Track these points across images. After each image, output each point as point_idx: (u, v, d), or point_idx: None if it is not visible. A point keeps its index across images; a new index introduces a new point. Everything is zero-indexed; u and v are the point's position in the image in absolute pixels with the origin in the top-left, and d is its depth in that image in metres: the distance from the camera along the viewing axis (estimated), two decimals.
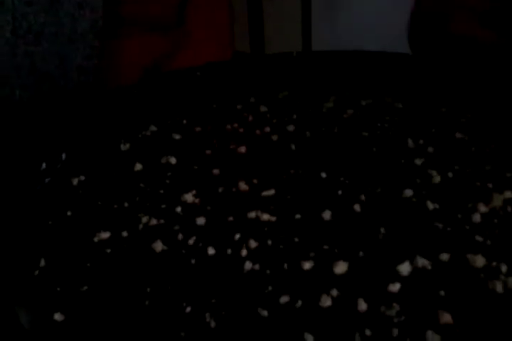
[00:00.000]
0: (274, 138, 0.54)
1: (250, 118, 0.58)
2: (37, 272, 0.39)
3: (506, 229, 0.41)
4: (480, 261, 0.38)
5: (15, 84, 0.62)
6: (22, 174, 0.48)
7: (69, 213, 0.45)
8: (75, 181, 0.48)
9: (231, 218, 0.44)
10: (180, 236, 0.42)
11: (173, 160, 0.51)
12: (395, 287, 0.37)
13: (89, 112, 0.57)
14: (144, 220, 0.43)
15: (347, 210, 0.44)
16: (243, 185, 0.47)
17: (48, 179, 0.48)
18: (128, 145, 0.53)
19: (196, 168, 0.50)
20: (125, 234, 0.42)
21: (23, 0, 0.60)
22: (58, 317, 0.36)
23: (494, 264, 0.38)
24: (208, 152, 0.52)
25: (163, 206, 0.45)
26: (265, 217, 0.43)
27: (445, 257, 0.39)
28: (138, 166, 0.50)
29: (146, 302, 0.37)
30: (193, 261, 0.40)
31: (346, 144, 0.52)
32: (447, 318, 0.35)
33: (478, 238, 0.41)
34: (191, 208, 0.45)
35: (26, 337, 0.35)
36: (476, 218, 0.43)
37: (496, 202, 0.44)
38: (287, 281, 0.38)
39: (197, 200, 0.46)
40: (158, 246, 0.41)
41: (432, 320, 0.35)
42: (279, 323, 0.35)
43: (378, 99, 0.60)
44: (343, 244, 0.41)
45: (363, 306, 0.36)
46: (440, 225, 0.42)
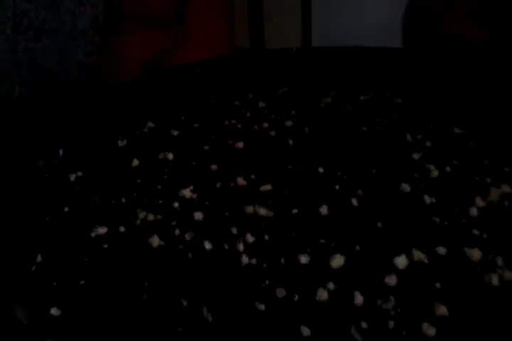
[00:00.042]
0: (272, 133, 0.54)
1: (248, 114, 0.58)
2: (34, 267, 0.40)
3: (503, 223, 0.41)
4: (476, 255, 0.38)
5: (15, 80, 0.62)
6: (19, 170, 0.48)
7: (66, 209, 0.45)
8: (73, 177, 0.48)
9: (228, 213, 0.44)
10: (177, 231, 0.42)
11: (170, 156, 0.51)
12: (392, 280, 0.37)
13: (86, 108, 0.57)
14: (141, 215, 0.44)
15: (344, 205, 0.44)
16: (241, 180, 0.47)
17: (46, 175, 0.48)
18: (125, 141, 0.53)
19: (194, 164, 0.50)
20: (122, 230, 0.42)
21: None
22: (55, 311, 0.36)
23: (490, 257, 0.38)
24: (206, 148, 0.52)
25: (160, 201, 0.45)
26: (262, 212, 0.43)
27: (442, 251, 0.39)
28: (135, 162, 0.50)
29: (144, 296, 0.37)
30: (190, 256, 0.40)
31: (344, 139, 0.52)
32: (443, 311, 0.35)
33: (475, 232, 0.41)
34: (189, 203, 0.45)
35: (23, 332, 0.35)
36: (473, 212, 0.43)
37: (493, 197, 0.44)
38: (284, 275, 0.38)
39: (194, 195, 0.46)
40: (155, 241, 0.41)
41: (428, 313, 0.35)
42: (276, 317, 0.35)
43: (377, 95, 0.60)
44: (340, 238, 0.41)
45: (360, 299, 0.36)
46: (437, 219, 0.42)
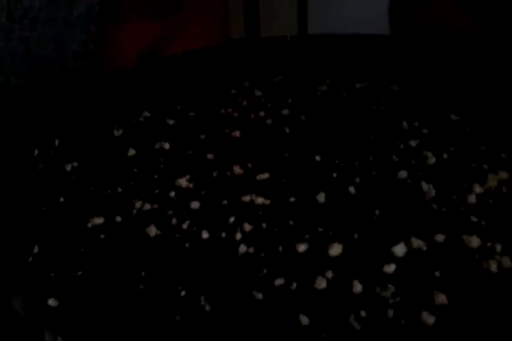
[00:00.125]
0: (269, 122, 0.54)
1: (244, 102, 0.57)
2: (31, 258, 0.39)
3: (501, 210, 0.41)
4: (475, 242, 0.38)
5: (10, 70, 0.62)
6: (15, 160, 0.48)
7: (62, 199, 0.44)
8: (68, 167, 0.48)
9: (225, 202, 0.43)
10: (174, 220, 0.42)
11: (166, 145, 0.50)
12: (390, 268, 0.37)
13: (82, 98, 0.56)
14: (138, 205, 0.43)
15: (342, 193, 0.44)
16: (237, 169, 0.47)
17: (41, 165, 0.48)
18: (121, 131, 0.53)
19: (190, 153, 0.49)
20: (119, 220, 0.42)
21: None
22: (52, 302, 0.36)
23: (489, 244, 0.38)
24: (202, 137, 0.52)
25: (156, 191, 0.45)
26: (260, 201, 0.43)
27: (440, 238, 0.39)
28: (131, 152, 0.49)
29: (141, 286, 0.37)
30: (187, 245, 0.40)
31: (341, 127, 0.52)
32: (442, 299, 0.35)
33: (473, 218, 0.41)
34: (185, 193, 0.45)
35: (21, 323, 0.35)
36: (471, 199, 0.42)
37: (491, 183, 0.44)
38: (282, 264, 0.38)
39: (191, 185, 0.45)
40: (152, 230, 0.41)
41: (427, 301, 0.35)
42: (274, 306, 0.35)
43: (374, 82, 0.60)
44: (338, 226, 0.40)
45: (358, 288, 0.36)
46: (435, 206, 0.42)
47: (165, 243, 0.40)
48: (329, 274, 0.37)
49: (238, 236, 0.40)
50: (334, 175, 0.46)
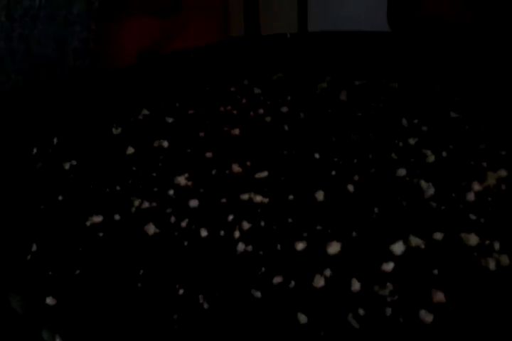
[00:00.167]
0: (268, 119, 0.54)
1: (244, 100, 0.57)
2: (29, 257, 0.39)
3: (500, 208, 0.41)
4: (473, 240, 0.38)
5: (10, 68, 0.62)
6: (14, 159, 0.48)
7: (61, 197, 0.44)
8: (67, 165, 0.48)
9: (224, 200, 0.43)
10: (172, 218, 0.42)
11: (165, 143, 0.50)
12: (389, 266, 0.37)
13: (80, 96, 0.56)
14: (137, 203, 0.43)
15: (340, 191, 0.44)
16: (236, 167, 0.47)
17: (40, 163, 0.48)
18: (120, 129, 0.53)
19: (189, 151, 0.49)
20: (117, 218, 0.42)
21: None
22: (50, 301, 0.36)
23: (487, 242, 0.38)
24: (201, 135, 0.52)
25: (155, 189, 0.45)
26: (258, 199, 0.43)
27: (439, 236, 0.39)
28: (130, 150, 0.49)
29: (139, 284, 0.37)
30: (186, 243, 0.40)
31: (340, 125, 0.52)
32: (440, 297, 0.34)
33: (471, 216, 0.41)
34: (184, 191, 0.45)
35: (19, 322, 0.35)
36: (470, 197, 0.42)
37: (490, 181, 0.44)
38: (280, 262, 0.38)
39: (190, 183, 0.45)
40: (150, 228, 0.41)
41: (426, 299, 0.35)
42: (273, 304, 0.35)
43: (373, 80, 0.60)
44: (337, 225, 0.40)
45: (356, 286, 0.36)
46: (434, 204, 0.42)
47: (163, 241, 0.40)
48: (327, 272, 0.37)
49: (237, 234, 0.40)
50: (333, 173, 0.46)
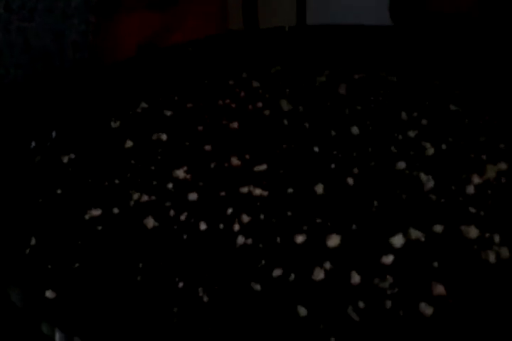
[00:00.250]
0: (267, 113, 0.53)
1: (242, 93, 0.57)
2: (28, 250, 0.39)
3: (500, 200, 0.41)
4: (473, 232, 0.38)
5: (8, 62, 0.62)
6: (12, 152, 0.48)
7: (59, 191, 0.44)
8: (65, 159, 0.48)
9: (223, 193, 0.43)
10: (171, 212, 0.42)
11: (164, 136, 0.50)
12: (388, 259, 0.37)
13: (78, 89, 0.56)
14: (135, 197, 0.43)
15: (340, 184, 0.44)
16: (235, 161, 0.47)
17: (38, 157, 0.48)
18: (118, 122, 0.52)
19: (188, 144, 0.49)
20: (116, 211, 0.42)
21: None
22: (50, 294, 0.35)
23: (487, 235, 0.38)
24: (200, 128, 0.51)
25: (154, 182, 0.45)
26: (257, 192, 0.43)
27: (438, 229, 0.39)
28: (129, 143, 0.49)
29: (139, 278, 0.37)
30: (185, 237, 0.39)
31: (339, 118, 0.52)
32: (440, 290, 0.34)
33: (471, 209, 0.40)
34: (183, 184, 0.44)
35: (18, 315, 0.35)
36: (470, 189, 0.42)
37: (490, 174, 0.44)
38: (280, 255, 0.38)
39: (188, 176, 0.45)
40: (149, 222, 0.41)
41: (425, 292, 0.35)
42: (272, 297, 0.35)
43: (372, 73, 0.60)
44: (336, 217, 0.40)
45: (356, 279, 0.36)
46: (434, 197, 0.42)
47: (163, 234, 0.40)
48: (327, 265, 0.37)
49: (236, 227, 0.40)
50: (332, 166, 0.45)
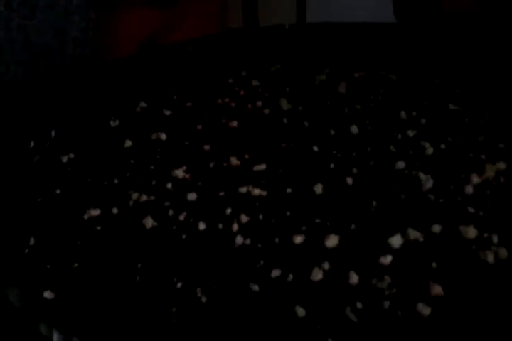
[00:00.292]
0: (266, 112, 0.53)
1: (242, 92, 0.57)
2: (27, 250, 0.39)
3: (499, 200, 0.41)
4: (472, 233, 0.38)
5: (9, 59, 0.62)
6: (11, 152, 0.48)
7: (58, 191, 0.44)
8: (65, 159, 0.48)
9: (222, 193, 0.43)
10: (170, 211, 0.42)
11: (163, 136, 0.50)
12: (387, 260, 0.37)
13: (78, 89, 0.56)
14: (134, 196, 0.43)
15: (339, 183, 0.43)
16: (234, 160, 0.47)
17: (38, 157, 0.48)
18: (117, 121, 0.52)
19: (187, 144, 0.49)
20: (115, 211, 0.42)
21: None
22: (48, 294, 0.35)
23: (486, 235, 0.38)
24: (199, 127, 0.51)
25: (153, 182, 0.45)
26: (256, 192, 0.43)
27: (437, 229, 0.39)
28: (128, 143, 0.49)
29: (137, 278, 0.37)
30: (184, 237, 0.39)
31: (339, 117, 0.52)
32: (438, 290, 0.34)
33: (470, 209, 0.40)
34: (182, 184, 0.45)
35: (16, 315, 0.35)
36: (469, 189, 0.42)
37: (489, 173, 0.44)
38: (278, 255, 0.38)
39: (188, 176, 0.45)
40: (148, 222, 0.41)
41: (423, 292, 0.35)
42: (271, 297, 0.35)
43: (372, 72, 0.59)
44: (335, 218, 0.40)
45: (355, 279, 0.36)
46: (432, 197, 0.42)
47: (161, 234, 0.40)
48: (326, 265, 0.37)
49: (235, 227, 0.40)
50: (332, 166, 0.45)
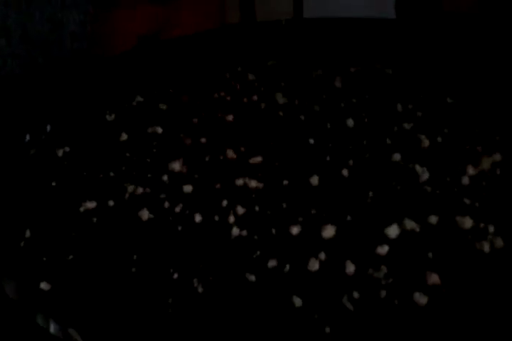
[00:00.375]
0: (262, 106, 0.53)
1: (238, 86, 0.57)
2: (23, 243, 0.39)
3: (494, 191, 0.41)
4: (468, 223, 0.38)
5: (6, 53, 0.61)
6: (6, 146, 0.48)
7: (54, 184, 0.44)
8: (60, 152, 0.48)
9: (218, 185, 0.43)
10: (166, 204, 0.42)
11: (159, 129, 0.50)
12: (383, 250, 0.37)
13: (74, 83, 0.56)
14: (130, 189, 0.43)
15: (335, 175, 0.43)
16: (231, 153, 0.47)
17: (33, 150, 0.48)
18: (113, 115, 0.52)
19: (183, 137, 0.49)
20: (111, 204, 0.42)
21: None
22: (44, 286, 0.35)
23: (482, 225, 0.38)
24: (195, 121, 0.51)
25: (149, 175, 0.45)
26: (253, 184, 0.43)
27: (433, 219, 0.39)
28: (124, 136, 0.49)
29: (133, 269, 0.37)
30: (180, 228, 0.39)
31: (335, 110, 0.52)
32: (435, 279, 0.34)
33: (466, 200, 0.40)
34: (178, 176, 0.44)
35: (13, 307, 0.35)
36: (465, 181, 0.42)
37: (485, 165, 0.44)
38: (275, 246, 0.38)
39: (184, 169, 0.45)
40: (144, 214, 0.41)
41: (420, 282, 0.35)
42: (268, 288, 0.35)
43: (367, 66, 0.59)
44: (331, 209, 0.40)
45: (351, 269, 0.36)
46: (429, 188, 0.42)
47: (157, 226, 0.40)
48: (322, 256, 0.37)
49: (231, 219, 0.40)
50: (328, 158, 0.45)
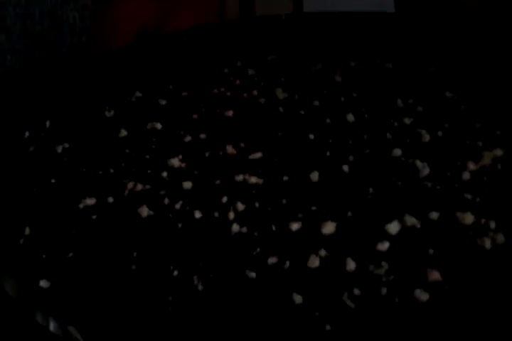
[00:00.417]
0: (262, 101, 0.53)
1: (238, 81, 0.57)
2: (22, 240, 0.39)
3: (495, 187, 0.41)
4: (469, 219, 0.38)
5: (6, 48, 0.61)
6: (5, 142, 0.47)
7: (53, 180, 0.44)
8: (60, 149, 0.47)
9: (218, 181, 0.43)
10: (166, 200, 0.41)
11: (158, 125, 0.50)
12: (384, 246, 0.37)
13: (72, 79, 0.56)
14: (130, 186, 0.43)
15: (335, 171, 0.43)
16: (230, 149, 0.46)
17: (33, 147, 0.48)
18: (113, 111, 0.52)
19: (182, 133, 0.49)
20: (111, 200, 0.42)
21: None
22: (44, 284, 0.35)
23: (483, 221, 0.38)
24: (195, 116, 0.51)
25: (149, 171, 0.44)
26: (253, 180, 0.43)
27: (434, 215, 0.39)
28: (123, 132, 0.49)
29: (133, 266, 0.37)
30: (180, 225, 0.39)
31: (335, 105, 0.52)
32: (436, 276, 0.34)
33: (467, 196, 0.40)
34: (178, 173, 0.44)
35: (12, 305, 0.35)
36: (466, 176, 0.42)
37: (486, 160, 0.44)
38: (275, 243, 0.38)
39: (183, 165, 0.45)
40: (144, 211, 0.41)
41: (421, 278, 0.35)
42: (268, 285, 0.35)
43: (368, 60, 0.59)
44: (332, 205, 0.40)
45: (352, 266, 0.36)
46: (429, 184, 0.42)
47: (157, 223, 0.40)
48: (322, 252, 0.37)
49: (231, 215, 0.40)
50: (328, 154, 0.45)
